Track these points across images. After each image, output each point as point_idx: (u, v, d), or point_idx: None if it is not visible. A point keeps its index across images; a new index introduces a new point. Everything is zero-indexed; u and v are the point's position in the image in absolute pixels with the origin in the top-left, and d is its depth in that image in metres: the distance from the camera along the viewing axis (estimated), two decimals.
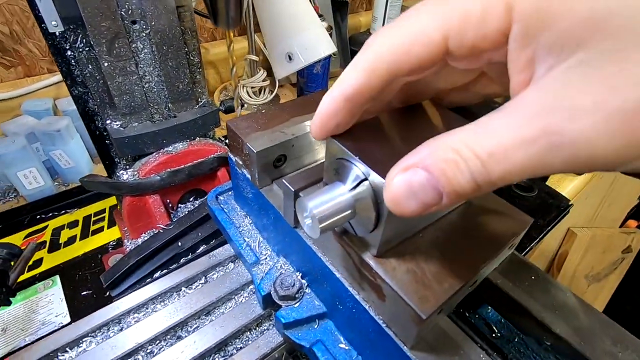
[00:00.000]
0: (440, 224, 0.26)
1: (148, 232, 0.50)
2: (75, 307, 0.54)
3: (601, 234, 1.22)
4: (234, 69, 0.78)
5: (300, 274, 0.33)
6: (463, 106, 0.27)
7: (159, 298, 0.36)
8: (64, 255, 0.61)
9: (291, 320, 0.30)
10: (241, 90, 0.98)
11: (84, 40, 0.39)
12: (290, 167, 0.34)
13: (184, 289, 0.37)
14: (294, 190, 0.28)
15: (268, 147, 0.31)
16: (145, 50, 0.42)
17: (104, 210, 0.70)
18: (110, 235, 0.65)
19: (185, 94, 0.48)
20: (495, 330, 0.31)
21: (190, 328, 0.34)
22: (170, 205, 0.52)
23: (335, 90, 0.19)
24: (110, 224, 0.67)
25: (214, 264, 0.38)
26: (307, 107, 0.37)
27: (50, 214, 0.68)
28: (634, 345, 0.24)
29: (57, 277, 0.58)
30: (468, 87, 0.24)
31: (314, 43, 0.68)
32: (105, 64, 0.40)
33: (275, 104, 0.98)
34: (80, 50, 0.39)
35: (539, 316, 0.25)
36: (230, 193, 0.43)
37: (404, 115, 0.25)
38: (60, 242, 0.63)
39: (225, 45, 1.02)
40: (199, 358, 0.31)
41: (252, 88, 0.96)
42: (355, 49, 1.19)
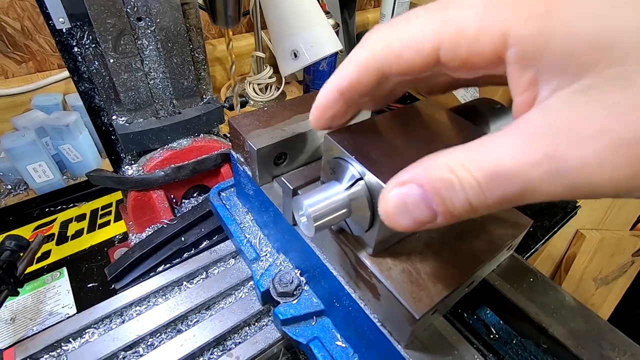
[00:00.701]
0: None
1: (152, 227, 0.51)
2: (81, 299, 0.55)
3: (610, 236, 1.19)
4: (233, 67, 0.78)
5: (299, 271, 0.33)
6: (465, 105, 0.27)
7: (160, 292, 0.36)
8: (71, 247, 0.63)
9: (289, 317, 0.31)
10: (247, 87, 0.98)
11: (90, 36, 0.40)
12: (291, 165, 0.35)
13: (185, 283, 0.37)
14: (292, 188, 0.28)
15: (269, 145, 0.31)
16: (151, 47, 0.43)
17: (110, 205, 0.71)
18: (116, 229, 0.66)
19: (190, 91, 0.48)
20: (494, 331, 0.31)
21: (191, 322, 0.35)
22: (174, 200, 0.53)
23: (330, 83, 0.19)
24: (117, 217, 0.68)
25: (215, 259, 0.39)
26: (309, 105, 0.36)
27: (59, 207, 0.69)
28: (632, 349, 0.24)
29: (65, 269, 0.59)
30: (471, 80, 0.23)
31: (319, 40, 0.68)
32: (111, 61, 0.40)
33: (278, 101, 0.98)
34: (86, 46, 0.40)
35: (537, 319, 0.25)
36: (232, 189, 0.43)
37: (402, 115, 0.25)
38: (68, 235, 0.65)
39: (232, 42, 1.02)
40: (198, 352, 0.32)
41: (259, 85, 0.97)
42: None
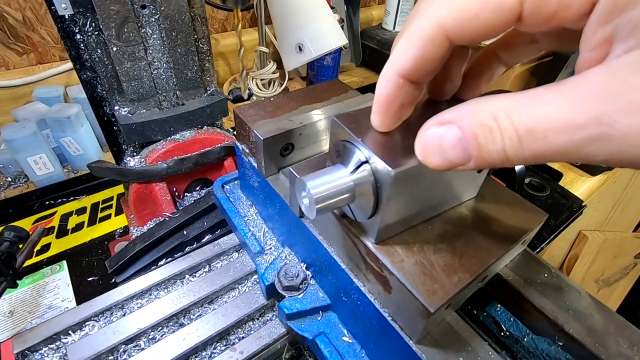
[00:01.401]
0: (449, 217, 0.25)
1: (154, 220, 0.50)
2: (81, 293, 0.54)
3: (613, 238, 1.19)
4: (242, 51, 0.77)
5: (305, 264, 0.32)
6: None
7: (162, 285, 0.36)
8: (71, 241, 0.62)
9: (294, 311, 0.30)
10: (250, 82, 0.97)
11: (93, 24, 0.39)
12: (298, 156, 0.34)
13: (187, 276, 0.37)
14: (301, 178, 0.27)
15: (275, 135, 0.30)
16: (155, 36, 0.42)
17: (111, 198, 0.70)
18: (117, 222, 0.65)
19: (193, 82, 0.47)
20: (504, 329, 0.30)
21: (193, 316, 0.34)
22: (176, 193, 0.52)
23: (390, 68, 0.17)
24: (118, 211, 0.67)
25: (218, 252, 0.38)
26: (316, 96, 0.36)
27: (59, 200, 0.68)
28: None
29: (64, 263, 0.58)
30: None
31: (324, 34, 0.67)
32: (114, 49, 0.40)
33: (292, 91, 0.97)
34: (89, 34, 0.39)
35: (552, 316, 0.24)
36: (236, 182, 0.43)
37: None
38: (68, 228, 0.64)
39: (236, 36, 1.02)
40: (201, 346, 0.31)
41: (262, 80, 0.96)
42: (366, 43, 1.18)
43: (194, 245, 0.48)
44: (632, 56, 0.12)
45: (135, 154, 0.49)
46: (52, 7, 0.36)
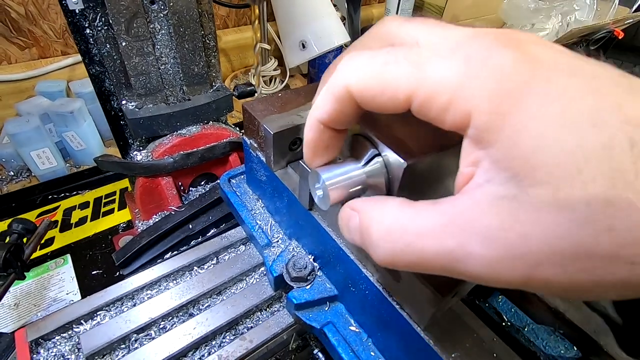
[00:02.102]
0: None
1: (159, 214, 0.51)
2: (85, 286, 0.55)
3: None
4: (257, 46, 0.76)
5: (313, 256, 0.33)
6: None
7: (171, 276, 0.36)
8: (75, 235, 0.62)
9: (303, 302, 0.31)
10: (251, 79, 0.98)
11: (103, 18, 0.39)
12: None
13: (196, 268, 0.37)
14: (310, 171, 0.28)
15: (285, 129, 0.31)
16: (163, 31, 0.42)
17: (114, 193, 0.70)
18: (120, 217, 0.66)
19: (200, 78, 0.48)
20: (505, 319, 0.31)
21: (202, 306, 0.35)
22: (181, 188, 0.52)
23: (312, 117, 0.19)
24: (121, 206, 0.68)
25: (225, 245, 0.39)
26: None
27: (62, 194, 0.69)
28: None
29: (68, 256, 0.59)
30: None
31: (328, 32, 0.68)
32: (123, 44, 0.40)
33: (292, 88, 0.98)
34: (98, 28, 0.40)
35: (553, 305, 0.25)
36: (242, 177, 0.43)
37: None
38: (71, 222, 0.64)
39: (237, 33, 1.02)
40: (211, 335, 0.32)
41: (263, 77, 0.96)
42: None
43: (200, 239, 0.49)
44: (490, 191, 0.13)
45: (141, 148, 0.49)
46: (63, 2, 0.37)
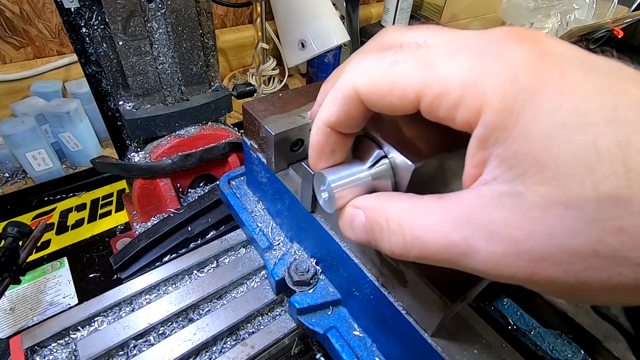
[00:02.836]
0: None
1: (158, 216, 0.50)
2: (82, 289, 0.54)
3: None
4: (259, 45, 0.75)
5: (315, 260, 0.32)
6: None
7: (170, 280, 0.35)
8: (71, 237, 0.61)
9: (305, 306, 0.30)
10: (250, 78, 0.97)
11: (99, 17, 0.38)
12: (307, 153, 0.34)
13: (195, 272, 0.37)
14: (314, 174, 0.27)
15: (286, 130, 0.30)
16: (160, 30, 0.41)
17: (111, 194, 0.70)
18: (118, 219, 0.65)
19: (198, 77, 0.47)
20: (511, 322, 0.31)
21: (202, 311, 0.34)
22: (180, 189, 0.52)
23: (320, 120, 0.19)
24: (118, 208, 0.67)
25: (225, 248, 0.38)
26: None
27: (59, 196, 0.68)
28: None
29: (65, 259, 0.58)
30: None
31: (327, 31, 0.67)
32: (120, 43, 0.39)
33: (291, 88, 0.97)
34: (95, 27, 0.39)
35: (561, 308, 0.25)
36: (242, 178, 0.43)
37: None
38: (68, 225, 0.63)
39: (235, 32, 1.01)
40: (212, 341, 0.31)
41: (262, 77, 0.96)
42: (365, 40, 1.18)
43: (199, 242, 0.48)
44: (496, 188, 0.13)
45: (139, 149, 0.49)
46: (58, 0, 0.36)
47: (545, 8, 1.03)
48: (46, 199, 0.67)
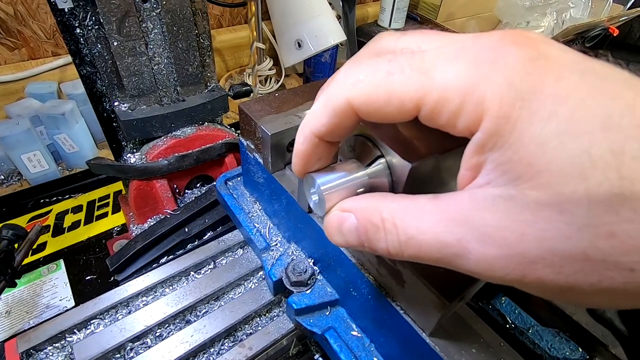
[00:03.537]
0: None
1: (154, 218, 0.50)
2: (79, 291, 0.54)
3: None
4: (254, 45, 0.75)
5: (312, 260, 0.32)
6: None
7: (167, 282, 0.35)
8: (68, 239, 0.61)
9: (303, 307, 0.30)
10: (247, 78, 0.96)
11: (94, 17, 0.38)
12: None
13: (192, 273, 0.36)
14: (310, 174, 0.27)
15: (282, 130, 0.30)
16: (156, 31, 0.41)
17: (108, 196, 0.69)
18: (114, 220, 0.65)
19: (194, 78, 0.47)
20: (509, 321, 0.31)
21: (200, 313, 0.34)
22: (177, 190, 0.51)
23: (307, 127, 0.18)
24: (115, 209, 0.67)
25: (222, 249, 0.38)
26: None
27: (55, 198, 0.67)
28: None
29: (61, 261, 0.57)
30: None
31: (323, 31, 0.67)
32: (115, 43, 0.39)
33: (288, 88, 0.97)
34: (89, 28, 0.39)
35: (560, 307, 0.25)
36: (239, 179, 0.42)
37: None
38: (64, 227, 0.63)
39: (231, 32, 1.01)
40: (209, 342, 0.31)
41: (259, 77, 0.95)
42: (362, 40, 1.18)
43: (196, 243, 0.48)
44: (490, 191, 0.13)
45: (135, 150, 0.48)
46: (52, 0, 0.36)
47: (541, 7, 1.04)
48: (42, 201, 0.66)
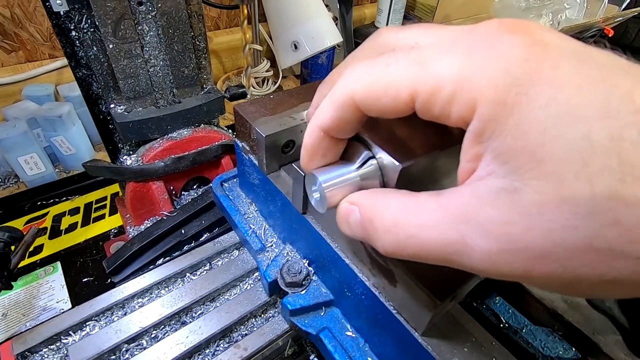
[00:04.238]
0: None
1: (151, 219, 0.50)
2: (76, 294, 0.54)
3: None
4: (247, 47, 0.75)
5: (307, 261, 0.32)
6: None
7: (163, 283, 0.35)
8: (65, 241, 0.61)
9: (298, 307, 0.30)
10: (244, 80, 0.97)
11: (89, 20, 0.38)
12: (297, 154, 0.34)
13: (188, 274, 0.37)
14: (304, 175, 0.27)
15: (277, 132, 0.30)
16: (151, 33, 0.41)
17: (105, 198, 0.69)
18: (111, 222, 0.65)
19: (190, 80, 0.47)
20: (503, 320, 0.31)
21: (195, 314, 0.34)
22: (173, 192, 0.51)
23: (314, 123, 0.19)
24: (112, 211, 0.67)
25: (218, 250, 0.38)
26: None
27: (51, 200, 0.67)
28: None
29: (58, 264, 0.57)
30: None
31: (320, 32, 0.68)
32: (111, 46, 0.39)
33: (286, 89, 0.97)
34: (85, 30, 0.39)
35: (551, 306, 0.25)
36: (235, 180, 0.43)
37: None
38: (61, 229, 0.63)
39: (228, 34, 1.01)
40: (204, 343, 0.31)
41: (256, 78, 0.96)
42: (359, 41, 1.18)
43: (192, 244, 0.48)
44: (492, 183, 0.13)
45: (131, 152, 0.48)
46: (47, 3, 0.36)
47: (537, 8, 1.04)
48: (39, 203, 0.66)
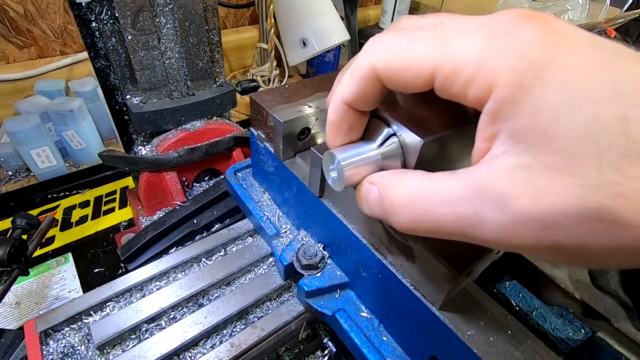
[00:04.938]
0: None
1: (163, 210, 0.50)
2: (88, 283, 0.54)
3: None
4: (271, 31, 0.75)
5: (322, 245, 0.33)
6: None
7: (179, 267, 0.36)
8: (75, 233, 0.62)
9: (314, 289, 0.31)
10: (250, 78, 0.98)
11: (109, 12, 0.39)
12: (311, 141, 0.35)
13: (204, 259, 0.37)
14: (330, 151, 0.28)
15: (294, 119, 0.31)
16: (168, 25, 0.42)
17: (115, 192, 0.70)
18: (121, 215, 0.65)
19: (204, 72, 0.48)
20: (514, 304, 0.32)
21: (212, 296, 0.34)
22: (185, 183, 0.52)
23: (337, 96, 0.19)
24: (122, 205, 0.67)
25: (233, 237, 0.39)
26: (329, 83, 0.37)
27: (62, 193, 0.68)
28: None
29: (70, 255, 0.58)
30: None
31: (328, 30, 0.69)
32: (129, 37, 0.40)
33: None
34: (104, 22, 0.40)
35: (564, 284, 0.26)
36: (248, 170, 0.43)
37: None
38: (72, 221, 0.64)
39: (235, 34, 1.02)
40: (222, 324, 0.32)
41: (262, 77, 0.97)
42: (363, 42, 1.20)
43: (204, 234, 0.49)
44: (506, 161, 0.14)
45: (145, 143, 0.49)
46: None
47: (540, 9, 1.05)
48: (50, 196, 0.67)
